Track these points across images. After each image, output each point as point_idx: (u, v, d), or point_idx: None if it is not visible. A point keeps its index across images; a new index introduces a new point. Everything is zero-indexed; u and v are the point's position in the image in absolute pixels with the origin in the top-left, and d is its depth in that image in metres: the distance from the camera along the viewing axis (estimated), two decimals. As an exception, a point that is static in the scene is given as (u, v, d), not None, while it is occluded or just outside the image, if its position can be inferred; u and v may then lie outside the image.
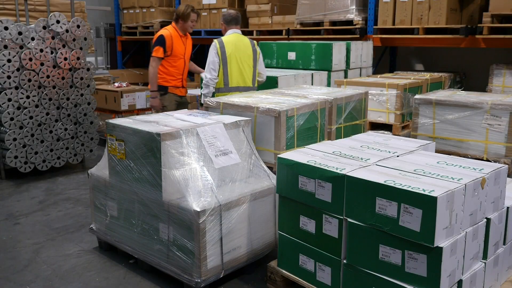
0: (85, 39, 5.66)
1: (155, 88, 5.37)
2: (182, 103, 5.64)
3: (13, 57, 5.16)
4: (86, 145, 5.90)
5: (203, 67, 5.00)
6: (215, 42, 4.76)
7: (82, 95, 5.74)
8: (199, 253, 2.95)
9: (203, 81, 4.78)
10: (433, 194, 2.17)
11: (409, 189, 2.24)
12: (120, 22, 10.78)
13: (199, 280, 2.99)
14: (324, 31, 7.17)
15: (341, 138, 4.00)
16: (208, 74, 4.72)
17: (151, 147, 3.09)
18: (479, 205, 2.44)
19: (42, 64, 5.36)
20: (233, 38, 4.85)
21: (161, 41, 5.24)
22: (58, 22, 5.36)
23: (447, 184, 2.29)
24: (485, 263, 2.55)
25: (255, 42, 5.04)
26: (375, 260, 2.41)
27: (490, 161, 4.04)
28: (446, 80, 6.41)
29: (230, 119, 3.53)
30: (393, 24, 6.49)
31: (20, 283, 3.32)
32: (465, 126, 4.57)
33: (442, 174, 2.45)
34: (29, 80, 5.29)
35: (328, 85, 6.01)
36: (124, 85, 7.23)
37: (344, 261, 2.58)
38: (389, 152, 2.88)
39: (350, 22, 6.91)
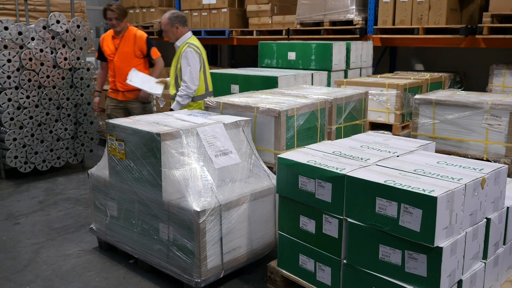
0: (85, 39, 5.66)
1: (96, 89, 5.45)
2: (127, 109, 5.19)
3: (13, 57, 5.16)
4: (86, 145, 5.90)
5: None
6: (194, 48, 4.39)
7: (82, 95, 5.74)
8: (199, 253, 2.95)
9: (185, 92, 4.36)
10: (433, 194, 2.17)
11: (409, 189, 2.24)
12: (120, 22, 10.76)
13: (199, 280, 2.99)
14: (324, 31, 7.17)
15: (341, 138, 4.00)
16: (193, 85, 4.37)
17: (151, 147, 3.09)
18: (479, 205, 2.44)
19: (42, 64, 5.36)
20: (197, 40, 4.59)
21: (97, 43, 5.30)
22: (58, 22, 5.37)
23: (447, 184, 2.29)
24: (485, 263, 2.55)
25: None
26: (375, 260, 2.41)
27: (490, 161, 4.04)
28: (446, 80, 6.41)
29: (230, 119, 3.53)
30: (393, 24, 6.49)
31: (20, 283, 3.32)
32: (465, 126, 4.56)
33: (442, 174, 2.45)
34: (29, 80, 5.29)
35: (328, 85, 6.01)
36: (124, 85, 7.21)
37: (344, 261, 2.58)
38: (389, 152, 2.88)
39: (350, 22, 6.91)
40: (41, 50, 5.32)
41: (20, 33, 5.17)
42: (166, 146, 3.05)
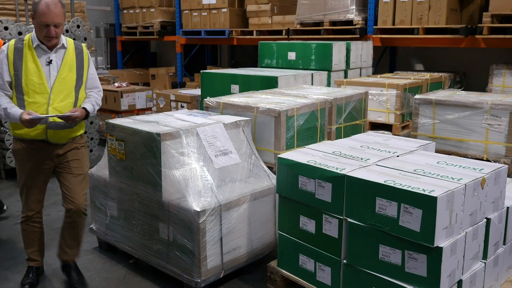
0: (85, 39, 5.66)
1: None
2: None
3: (13, 57, 5.15)
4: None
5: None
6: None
7: (82, 95, 5.73)
8: (199, 253, 2.95)
9: (97, 107, 3.22)
10: (433, 194, 2.17)
11: (409, 189, 2.24)
12: (120, 22, 10.79)
13: (199, 280, 2.99)
14: (324, 31, 7.17)
15: (341, 138, 4.00)
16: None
17: (151, 147, 3.09)
18: (479, 205, 2.44)
19: (42, 64, 5.35)
20: None
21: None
22: (58, 22, 5.36)
23: (447, 184, 2.29)
24: (485, 263, 2.55)
25: None
26: (375, 260, 2.41)
27: (490, 161, 4.04)
28: (446, 80, 6.41)
29: (230, 119, 3.53)
30: (393, 24, 6.49)
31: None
32: (465, 126, 4.56)
33: (442, 174, 2.45)
34: (29, 80, 5.28)
35: (328, 85, 6.01)
36: (124, 85, 7.23)
37: (344, 261, 2.58)
38: (389, 152, 2.88)
39: (350, 22, 6.91)
40: (41, 50, 5.32)
41: (20, 33, 5.17)
42: (166, 146, 3.05)
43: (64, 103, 3.02)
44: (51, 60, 3.00)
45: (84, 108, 3.09)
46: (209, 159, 3.20)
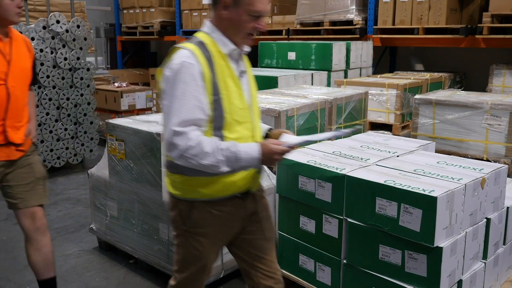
0: (85, 39, 5.66)
1: None
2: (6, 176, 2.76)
3: (13, 57, 5.15)
4: (86, 145, 5.90)
5: None
6: None
7: (82, 95, 5.74)
8: (199, 253, 2.95)
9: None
10: (433, 194, 2.17)
11: (409, 189, 2.24)
12: (120, 22, 10.79)
13: (199, 280, 2.98)
14: (324, 31, 7.17)
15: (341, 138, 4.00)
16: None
17: (151, 147, 3.09)
18: (479, 205, 2.44)
19: (42, 64, 5.36)
20: None
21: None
22: (58, 22, 5.37)
23: (447, 184, 2.29)
24: (485, 263, 2.55)
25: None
26: (375, 260, 2.41)
27: (490, 161, 4.04)
28: (446, 80, 6.41)
29: (230, 119, 3.52)
30: (393, 24, 6.49)
31: (20, 283, 3.32)
32: (465, 126, 4.57)
33: (442, 174, 2.44)
34: (29, 80, 5.29)
35: (328, 85, 6.01)
36: (124, 85, 7.24)
37: (344, 261, 2.58)
38: (389, 152, 2.88)
39: (350, 22, 6.92)
40: (41, 50, 5.32)
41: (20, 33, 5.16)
42: (166, 146, 3.05)
43: (259, 131, 2.07)
44: (243, 71, 2.03)
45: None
46: (209, 159, 3.20)
